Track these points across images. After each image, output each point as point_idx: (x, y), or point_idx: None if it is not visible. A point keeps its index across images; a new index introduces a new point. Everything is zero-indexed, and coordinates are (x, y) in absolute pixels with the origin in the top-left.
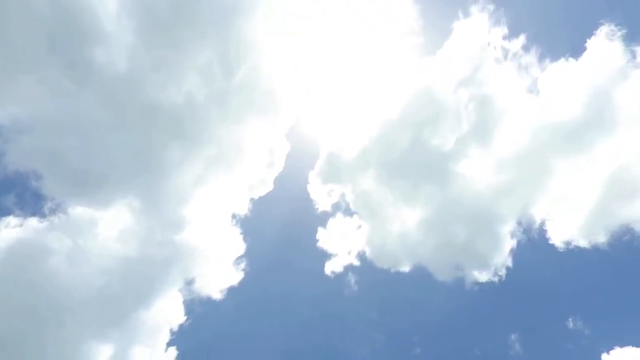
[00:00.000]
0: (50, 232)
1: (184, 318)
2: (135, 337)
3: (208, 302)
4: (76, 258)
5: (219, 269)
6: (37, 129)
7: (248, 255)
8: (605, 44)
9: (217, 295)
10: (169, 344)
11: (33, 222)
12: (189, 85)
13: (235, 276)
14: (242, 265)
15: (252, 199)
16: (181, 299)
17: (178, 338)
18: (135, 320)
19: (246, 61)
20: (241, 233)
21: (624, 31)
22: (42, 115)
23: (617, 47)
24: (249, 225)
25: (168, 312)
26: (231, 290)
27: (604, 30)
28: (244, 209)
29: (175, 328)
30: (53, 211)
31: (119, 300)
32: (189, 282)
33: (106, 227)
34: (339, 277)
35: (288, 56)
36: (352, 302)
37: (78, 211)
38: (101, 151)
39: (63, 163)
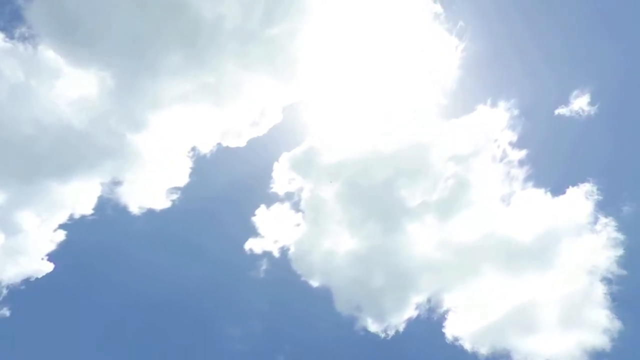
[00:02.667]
0: (8, 57)
1: (91, 212)
2: (33, 202)
3: (122, 211)
4: (19, 96)
5: (149, 188)
6: None
7: (184, 190)
8: (580, 199)
9: (134, 209)
10: (61, 227)
11: None
12: (224, 8)
13: (161, 202)
14: (174, 196)
15: (218, 144)
16: (98, 193)
17: (73, 226)
18: (41, 186)
19: (289, 21)
20: (190, 168)
21: (600, 197)
22: None
23: (587, 207)
24: (201, 166)
25: (79, 198)
26: (149, 213)
27: (586, 187)
28: (205, 149)
29: (77, 216)
30: (23, 39)
31: (37, 159)
32: (115, 183)
33: (67, 86)
34: (253, 258)
35: (325, 42)
36: (250, 286)
37: (48, 54)
38: (105, 12)
39: None
